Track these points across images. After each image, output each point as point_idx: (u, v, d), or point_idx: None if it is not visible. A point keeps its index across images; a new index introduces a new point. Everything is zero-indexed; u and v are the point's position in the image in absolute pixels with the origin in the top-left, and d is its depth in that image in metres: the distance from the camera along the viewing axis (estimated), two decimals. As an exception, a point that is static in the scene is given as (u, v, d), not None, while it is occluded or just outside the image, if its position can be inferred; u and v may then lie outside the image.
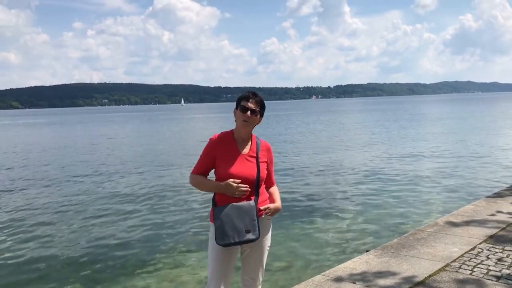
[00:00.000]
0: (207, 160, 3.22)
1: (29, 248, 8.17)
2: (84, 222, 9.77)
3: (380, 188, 12.23)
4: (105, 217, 10.11)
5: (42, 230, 9.27)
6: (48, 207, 11.31)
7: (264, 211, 3.17)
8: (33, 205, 11.55)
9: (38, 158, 22.23)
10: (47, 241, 8.57)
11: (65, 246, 8.20)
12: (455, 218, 6.80)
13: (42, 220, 10.08)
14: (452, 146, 21.73)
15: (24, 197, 12.69)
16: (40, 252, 7.92)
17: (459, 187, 12.06)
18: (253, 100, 3.18)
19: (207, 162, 3.22)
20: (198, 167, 3.25)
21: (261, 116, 3.25)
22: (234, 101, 3.32)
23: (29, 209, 11.10)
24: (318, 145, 24.25)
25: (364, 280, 4.54)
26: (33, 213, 10.71)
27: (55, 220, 10.04)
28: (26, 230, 9.28)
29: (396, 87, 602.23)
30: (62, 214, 10.52)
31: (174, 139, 32.07)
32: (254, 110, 3.16)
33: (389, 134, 29.72)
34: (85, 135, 39.99)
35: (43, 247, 8.19)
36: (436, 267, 4.81)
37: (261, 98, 3.23)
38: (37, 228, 9.42)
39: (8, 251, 8.00)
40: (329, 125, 42.73)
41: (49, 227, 9.47)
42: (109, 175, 16.01)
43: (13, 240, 8.67)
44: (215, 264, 3.13)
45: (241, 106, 3.16)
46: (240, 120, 3.17)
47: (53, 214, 10.60)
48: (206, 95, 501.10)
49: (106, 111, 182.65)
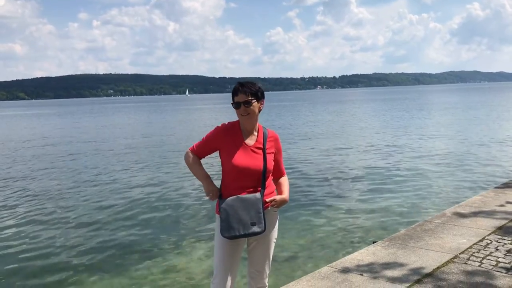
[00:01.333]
0: (207, 146, 3.18)
1: (37, 236, 8.20)
2: (90, 213, 9.78)
3: (387, 178, 12.17)
4: (112, 208, 10.12)
5: (52, 218, 9.32)
6: (59, 194, 11.35)
7: (270, 203, 3.12)
8: (45, 193, 11.62)
9: (49, 149, 22.32)
10: (60, 227, 8.62)
11: (71, 235, 8.23)
12: (463, 209, 6.74)
13: (53, 208, 10.13)
14: (460, 136, 21.58)
15: (37, 185, 12.74)
16: (52, 238, 7.95)
17: (467, 177, 11.97)
18: (242, 91, 3.08)
19: (207, 147, 3.19)
20: (197, 147, 3.20)
21: (260, 100, 3.14)
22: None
23: (39, 197, 11.16)
24: (326, 136, 24.17)
25: (372, 272, 4.51)
26: (44, 201, 10.77)
27: (64, 208, 10.07)
28: (30, 220, 9.31)
29: (402, 77, 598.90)
30: (69, 203, 10.56)
31: (180, 129, 32.07)
32: (246, 101, 3.06)
33: (397, 124, 29.64)
34: (96, 126, 40.21)
35: (55, 232, 8.23)
36: (445, 258, 4.76)
37: (250, 85, 3.10)
38: (46, 217, 9.45)
39: (9, 240, 8.03)
40: (339, 115, 42.59)
41: (60, 215, 9.50)
42: (117, 165, 16.04)
43: (13, 230, 8.71)
44: (221, 256, 3.10)
45: (234, 104, 3.11)
46: (239, 115, 3.11)
47: (63, 202, 10.64)
48: (211, 85, 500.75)
49: (112, 102, 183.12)
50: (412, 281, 4.24)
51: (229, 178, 3.10)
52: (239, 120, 3.17)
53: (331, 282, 4.32)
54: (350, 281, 4.32)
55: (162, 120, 46.03)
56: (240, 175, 3.06)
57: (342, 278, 4.39)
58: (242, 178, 3.06)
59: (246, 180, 3.07)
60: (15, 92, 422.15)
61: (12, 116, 72.29)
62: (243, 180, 3.06)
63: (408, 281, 4.24)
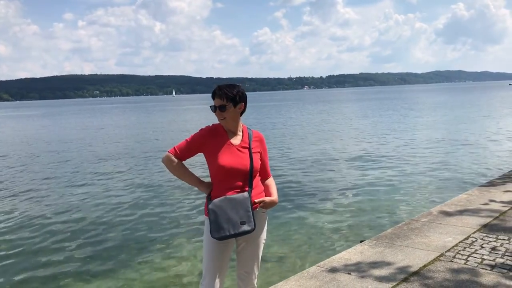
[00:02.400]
0: (191, 148, 3.12)
1: (23, 239, 8.12)
2: (80, 213, 9.71)
3: (374, 178, 12.26)
4: (100, 209, 10.05)
5: (39, 218, 9.23)
6: (48, 195, 11.25)
7: (258, 204, 3.12)
8: (35, 194, 11.52)
9: (39, 150, 22.07)
10: (44, 230, 8.53)
11: (61, 236, 8.17)
12: (448, 207, 6.82)
13: (40, 208, 10.03)
14: (445, 135, 21.82)
15: (27, 185, 12.61)
16: (36, 243, 7.86)
17: (452, 176, 12.11)
18: (217, 95, 3.08)
19: (191, 150, 3.13)
20: (180, 150, 3.12)
21: (238, 104, 3.11)
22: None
23: (30, 196, 11.05)
24: (315, 136, 24.25)
25: (359, 271, 4.54)
26: (34, 201, 10.66)
27: (54, 209, 9.99)
28: (22, 221, 9.21)
29: (388, 77, 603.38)
30: (59, 204, 10.46)
31: (169, 129, 31.94)
32: (221, 106, 3.06)
33: (385, 124, 29.87)
34: (83, 126, 39.93)
35: (39, 238, 8.14)
36: (431, 257, 4.82)
37: (227, 89, 3.08)
38: (33, 220, 9.35)
39: (5, 241, 7.94)
40: (329, 115, 42.77)
41: (45, 217, 9.41)
42: (107, 166, 15.93)
43: (7, 229, 8.61)
44: (210, 257, 3.10)
45: (211, 107, 3.13)
46: (218, 119, 3.14)
47: (52, 203, 10.54)
48: (198, 86, 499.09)
49: (98, 103, 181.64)
50: (399, 279, 4.28)
51: (217, 179, 3.10)
52: None
53: (319, 281, 4.35)
54: (338, 280, 4.35)
55: (150, 120, 45.78)
56: (227, 175, 3.05)
57: (330, 278, 4.42)
58: (229, 178, 3.06)
59: (234, 180, 3.06)
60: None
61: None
62: (231, 180, 3.06)
63: (395, 279, 4.28)
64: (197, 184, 3.19)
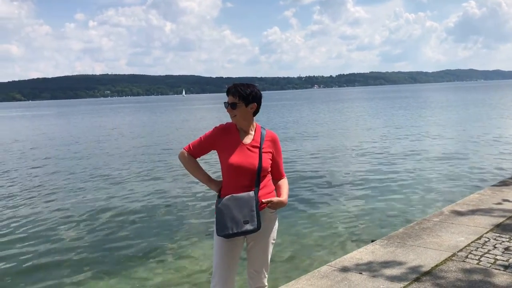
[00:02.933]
0: (204, 145, 3.20)
1: (34, 237, 8.20)
2: (92, 213, 9.78)
3: (385, 177, 12.19)
4: (109, 209, 10.11)
5: (51, 218, 9.32)
6: (59, 194, 11.36)
7: (266, 204, 3.11)
8: (47, 192, 11.66)
9: (51, 150, 22.27)
10: (56, 229, 8.62)
11: (71, 235, 8.23)
12: (460, 207, 6.77)
13: (52, 208, 10.12)
14: (457, 133, 21.67)
15: (38, 185, 12.73)
16: (46, 243, 7.94)
17: (464, 175, 12.01)
18: (231, 93, 3.12)
19: (203, 147, 3.21)
20: (193, 147, 3.21)
21: (250, 104, 3.12)
22: (236, 91, 3.25)
23: (41, 196, 11.17)
24: (327, 135, 24.20)
25: (370, 270, 4.53)
26: (43, 199, 10.76)
27: (65, 209, 10.08)
28: (31, 221, 9.30)
29: (398, 76, 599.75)
30: (70, 203, 10.55)
31: (180, 128, 32.05)
32: (232, 103, 3.09)
33: (397, 122, 29.74)
34: (97, 126, 40.33)
35: (52, 236, 8.23)
36: (443, 256, 4.79)
37: (242, 88, 3.11)
38: (43, 218, 9.44)
39: (13, 242, 8.02)
40: (341, 114, 42.65)
41: (58, 215, 9.50)
42: (119, 165, 16.04)
43: (22, 227, 8.71)
44: (219, 255, 3.12)
45: (224, 103, 3.16)
46: (230, 116, 3.17)
47: (63, 202, 10.63)
48: (208, 85, 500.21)
49: (109, 102, 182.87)
50: (410, 279, 4.26)
51: (226, 177, 3.14)
52: None
53: (331, 281, 4.34)
54: (349, 280, 4.34)
55: (162, 120, 45.97)
56: (235, 173, 3.07)
57: (341, 277, 4.41)
58: (237, 177, 3.08)
59: (242, 179, 3.08)
60: (11, 94, 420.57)
61: (11, 117, 72.10)
62: (239, 179, 3.08)
63: (407, 279, 4.27)
64: (207, 182, 3.25)
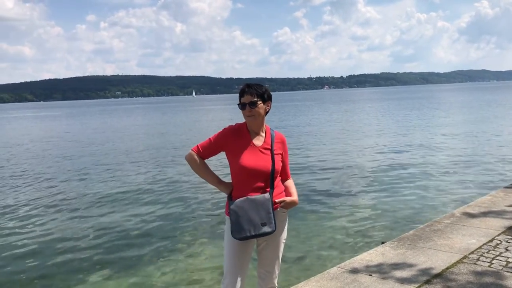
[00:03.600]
0: (213, 147, 3.17)
1: (46, 236, 8.28)
2: (100, 212, 9.86)
3: (395, 178, 12.13)
4: (121, 208, 10.18)
5: (60, 217, 9.41)
6: (70, 191, 11.45)
7: (279, 204, 3.13)
8: (59, 190, 11.76)
9: (65, 148, 22.48)
10: (63, 228, 8.69)
11: (82, 233, 8.31)
12: (472, 209, 6.71)
13: (62, 207, 10.22)
14: (470, 135, 21.47)
15: (50, 182, 12.86)
16: (56, 240, 8.01)
17: (476, 177, 11.91)
18: (248, 93, 3.10)
19: (213, 149, 3.18)
20: (202, 148, 3.17)
21: (266, 102, 3.15)
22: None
23: (53, 193, 11.29)
24: (338, 135, 24.18)
25: (381, 272, 4.51)
26: (57, 199, 10.86)
27: (76, 206, 10.20)
28: (44, 218, 9.39)
29: (410, 77, 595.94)
30: (81, 201, 10.65)
31: (191, 129, 32.17)
32: (252, 102, 3.08)
33: (409, 123, 29.65)
34: (109, 126, 40.75)
35: (62, 233, 8.30)
36: (454, 259, 4.75)
37: (256, 87, 3.12)
38: (56, 216, 9.53)
39: (26, 239, 8.11)
40: (353, 114, 42.61)
41: (66, 215, 9.59)
42: (130, 165, 16.15)
43: (33, 223, 8.80)
44: (231, 257, 3.11)
45: (240, 104, 3.13)
46: (245, 117, 3.13)
47: (75, 200, 10.73)
48: (218, 86, 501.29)
49: (120, 103, 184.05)
50: (421, 281, 4.23)
51: (238, 179, 3.12)
52: (246, 122, 3.20)
53: (340, 282, 4.33)
54: (359, 281, 4.32)
55: (174, 120, 46.16)
56: (249, 175, 3.07)
57: (351, 279, 4.40)
58: (251, 179, 3.07)
59: (255, 181, 3.08)
60: (24, 94, 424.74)
61: (24, 117, 72.93)
62: (252, 181, 3.07)
63: (417, 281, 4.24)
64: (217, 184, 3.22)
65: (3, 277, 6.61)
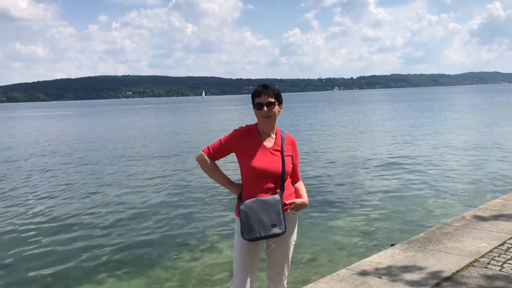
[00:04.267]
0: (223, 148, 3.18)
1: (58, 233, 8.35)
2: (112, 211, 9.93)
3: (406, 180, 12.08)
4: (131, 209, 10.24)
5: (72, 216, 9.48)
6: (81, 191, 11.55)
7: (289, 206, 3.14)
8: (71, 190, 11.85)
9: (75, 148, 22.65)
10: (78, 226, 8.77)
11: (93, 233, 8.38)
12: (483, 212, 6.66)
13: (74, 204, 10.31)
14: (481, 137, 21.29)
15: (60, 181, 12.97)
16: (69, 239, 8.09)
17: (487, 180, 11.81)
18: (265, 93, 3.10)
19: (223, 150, 3.18)
20: (213, 149, 3.18)
21: (280, 104, 3.17)
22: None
23: (62, 192, 11.39)
24: (350, 136, 24.13)
25: (390, 275, 4.49)
26: (72, 199, 10.96)
27: (86, 207, 10.26)
28: (58, 215, 9.48)
29: (420, 78, 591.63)
30: (91, 201, 10.73)
31: (201, 129, 32.27)
32: (269, 102, 3.09)
33: (420, 125, 29.49)
34: (122, 126, 41.20)
35: (73, 233, 8.37)
36: (464, 262, 4.72)
37: (273, 88, 3.13)
38: (68, 215, 9.61)
39: (42, 235, 8.19)
40: (365, 116, 42.54)
41: (80, 213, 9.67)
42: (140, 165, 16.24)
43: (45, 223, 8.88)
44: (241, 258, 3.12)
45: (255, 104, 3.12)
46: (259, 117, 3.13)
47: (85, 200, 10.81)
48: (228, 87, 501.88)
49: (131, 103, 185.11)
50: (431, 284, 4.22)
51: (248, 180, 3.12)
52: (257, 123, 3.20)
53: (349, 284, 4.32)
54: (368, 283, 4.31)
55: (185, 121, 46.31)
56: (259, 177, 3.07)
57: (360, 281, 4.39)
58: (261, 180, 3.08)
59: (265, 182, 3.08)
60: (36, 94, 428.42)
61: (38, 117, 73.68)
62: (262, 182, 3.08)
63: (427, 284, 4.22)
64: (227, 185, 3.23)
65: (17, 274, 6.69)
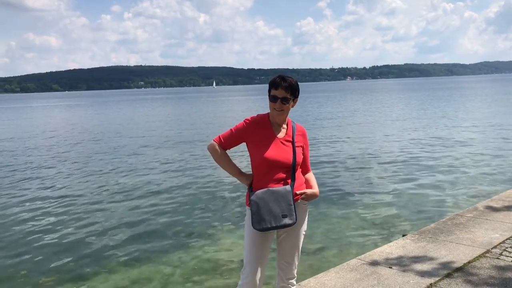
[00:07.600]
0: (234, 138, 3.17)
1: (64, 228, 8.47)
2: (120, 202, 10.03)
3: (418, 170, 12.01)
4: (142, 198, 10.33)
5: (83, 204, 9.61)
6: (91, 182, 11.69)
7: (300, 196, 3.14)
8: (84, 178, 12.00)
9: (89, 138, 22.87)
10: (89, 215, 8.89)
11: (103, 223, 8.47)
12: (495, 203, 6.62)
13: (86, 194, 10.43)
14: (496, 128, 21.02)
15: (73, 171, 13.13)
16: (81, 227, 8.21)
17: (499, 171, 11.70)
18: (282, 87, 3.05)
19: (234, 139, 3.17)
20: (224, 139, 3.18)
21: (295, 98, 3.15)
22: (267, 83, 3.19)
23: (81, 182, 11.53)
24: (363, 126, 24.05)
25: (401, 265, 4.50)
26: (84, 187, 11.11)
27: (97, 197, 10.38)
28: (69, 203, 9.61)
29: (434, 68, 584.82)
30: (102, 191, 10.85)
31: (214, 120, 32.36)
32: (285, 98, 3.06)
33: (435, 115, 29.31)
34: (137, 115, 41.52)
35: (84, 221, 8.50)
36: (476, 253, 4.71)
37: (291, 81, 3.08)
38: (79, 203, 9.74)
39: (53, 224, 8.31)
40: (381, 105, 42.33)
41: (91, 202, 9.79)
42: (152, 155, 16.36)
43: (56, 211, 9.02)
44: (251, 248, 3.14)
45: (270, 96, 3.10)
46: (272, 109, 3.12)
47: (95, 191, 10.94)
48: (240, 77, 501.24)
49: (143, 93, 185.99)
50: (441, 275, 4.21)
51: (259, 171, 3.12)
52: (268, 113, 3.19)
53: (360, 274, 4.34)
54: (378, 273, 4.33)
55: (199, 111, 46.43)
56: (270, 167, 3.07)
57: (370, 271, 4.40)
58: (272, 170, 3.08)
59: (276, 173, 3.08)
60: (49, 84, 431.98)
61: (54, 106, 74.44)
62: (273, 172, 3.08)
63: (438, 275, 4.22)
64: (237, 175, 3.23)
65: (30, 268, 6.81)
